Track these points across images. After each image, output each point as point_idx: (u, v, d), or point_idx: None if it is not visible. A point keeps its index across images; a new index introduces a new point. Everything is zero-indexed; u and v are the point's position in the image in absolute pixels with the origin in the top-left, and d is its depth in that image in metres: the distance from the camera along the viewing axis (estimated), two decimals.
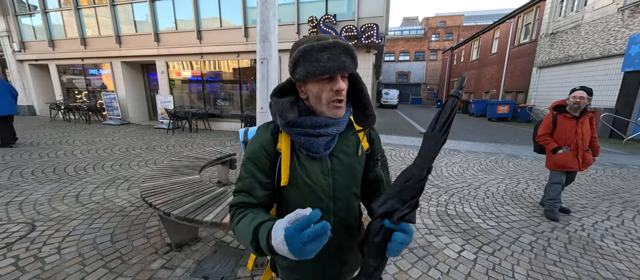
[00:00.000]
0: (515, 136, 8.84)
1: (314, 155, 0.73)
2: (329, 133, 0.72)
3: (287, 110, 0.71)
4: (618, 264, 2.16)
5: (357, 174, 0.81)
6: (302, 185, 0.74)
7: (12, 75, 11.32)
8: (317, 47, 0.64)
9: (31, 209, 2.85)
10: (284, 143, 0.74)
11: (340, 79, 0.67)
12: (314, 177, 0.74)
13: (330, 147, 0.74)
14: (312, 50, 0.64)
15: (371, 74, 7.40)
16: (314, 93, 0.69)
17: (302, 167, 0.74)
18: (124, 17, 9.20)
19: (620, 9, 8.71)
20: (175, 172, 2.70)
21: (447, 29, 31.96)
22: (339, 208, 0.78)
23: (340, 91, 0.67)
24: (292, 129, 0.72)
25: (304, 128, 0.71)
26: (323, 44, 0.64)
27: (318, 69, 0.64)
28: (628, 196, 3.67)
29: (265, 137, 0.75)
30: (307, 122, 0.71)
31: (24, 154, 5.04)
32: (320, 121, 0.71)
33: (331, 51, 0.64)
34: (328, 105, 0.69)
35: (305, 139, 0.71)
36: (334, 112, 0.70)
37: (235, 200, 0.74)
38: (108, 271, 1.92)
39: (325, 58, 0.64)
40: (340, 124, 0.74)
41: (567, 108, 2.78)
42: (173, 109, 8.21)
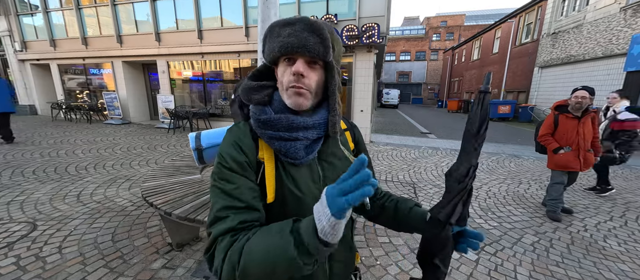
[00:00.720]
0: (517, 136, 8.81)
1: (293, 162, 0.63)
2: (307, 137, 0.63)
3: (252, 91, 0.63)
4: (621, 265, 2.15)
5: None
6: (290, 198, 0.62)
7: (14, 74, 11.35)
8: (281, 22, 0.58)
9: (32, 209, 2.85)
10: (267, 151, 0.62)
11: (307, 64, 0.58)
12: (304, 186, 0.63)
13: (312, 150, 0.65)
14: (275, 26, 0.59)
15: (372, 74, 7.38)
16: (279, 78, 0.62)
17: (289, 176, 0.62)
18: (125, 17, 9.21)
19: (623, 8, 8.67)
20: (176, 172, 2.69)
21: (448, 28, 31.89)
22: None
23: (299, 75, 0.57)
24: (264, 131, 0.61)
25: (278, 130, 0.61)
26: (289, 19, 0.58)
27: (276, 45, 0.57)
28: (631, 196, 3.65)
29: (246, 141, 0.61)
30: (281, 124, 0.60)
31: (26, 153, 5.05)
32: (298, 123, 0.61)
33: (294, 26, 0.56)
34: (287, 92, 0.60)
35: (280, 143, 0.61)
36: (293, 99, 0.60)
37: (230, 222, 0.53)
38: (109, 271, 1.92)
39: (286, 33, 0.56)
40: (319, 127, 0.64)
41: (568, 108, 2.76)
42: (174, 108, 8.22)
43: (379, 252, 2.24)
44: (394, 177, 4.26)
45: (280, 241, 0.47)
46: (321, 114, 0.65)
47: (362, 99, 7.32)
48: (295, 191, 0.62)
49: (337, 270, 0.71)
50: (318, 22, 0.57)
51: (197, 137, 1.42)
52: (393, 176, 4.29)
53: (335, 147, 0.71)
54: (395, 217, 0.75)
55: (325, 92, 0.65)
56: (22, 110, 11.62)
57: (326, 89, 0.64)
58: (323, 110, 0.65)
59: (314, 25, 0.56)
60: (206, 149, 1.43)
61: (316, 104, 0.66)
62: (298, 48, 0.56)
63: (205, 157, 1.42)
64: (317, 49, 0.56)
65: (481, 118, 0.56)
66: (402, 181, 4.07)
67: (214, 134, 1.42)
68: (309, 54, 0.57)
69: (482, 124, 0.56)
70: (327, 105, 0.66)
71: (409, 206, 0.73)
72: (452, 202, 0.55)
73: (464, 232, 0.59)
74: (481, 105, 0.56)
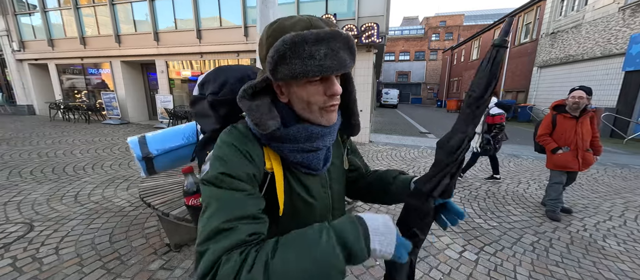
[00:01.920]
0: (516, 136, 8.82)
1: (315, 173, 0.62)
2: (326, 144, 0.60)
3: (267, 117, 0.53)
4: (621, 264, 2.15)
5: (344, 175, 0.75)
6: (302, 207, 0.61)
7: (12, 74, 11.31)
8: (310, 38, 0.47)
9: (29, 209, 2.83)
10: (275, 161, 0.58)
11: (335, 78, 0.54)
12: (316, 193, 0.63)
13: (328, 159, 0.64)
14: (304, 42, 0.47)
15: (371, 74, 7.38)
16: (303, 98, 0.54)
17: (301, 185, 0.60)
18: (123, 17, 9.18)
19: (621, 8, 8.69)
20: (175, 172, 2.68)
21: (447, 28, 31.93)
22: (336, 217, 0.71)
23: (337, 94, 0.54)
24: (282, 145, 0.56)
25: (298, 143, 0.56)
26: (318, 34, 0.47)
27: (313, 69, 0.48)
28: (630, 196, 3.66)
29: (253, 149, 0.54)
30: (301, 135, 0.56)
31: (23, 154, 5.03)
32: (315, 132, 0.57)
33: (329, 45, 0.48)
34: (321, 112, 0.55)
35: (302, 156, 0.57)
36: (327, 117, 0.57)
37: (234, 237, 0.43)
38: (106, 272, 1.90)
39: (322, 54, 0.48)
40: (334, 132, 0.62)
41: (566, 108, 2.76)
42: (173, 108, 8.19)
43: None
44: None
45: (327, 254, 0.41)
46: (337, 120, 0.62)
47: (361, 99, 7.30)
48: (309, 199, 0.61)
49: None
50: (350, 37, 0.52)
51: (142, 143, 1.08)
52: None
53: (336, 149, 0.71)
54: (381, 189, 0.75)
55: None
56: (20, 110, 11.58)
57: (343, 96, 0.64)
58: (338, 117, 0.63)
59: (348, 41, 0.51)
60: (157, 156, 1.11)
61: None
62: (338, 70, 0.50)
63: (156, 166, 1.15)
64: (351, 65, 0.53)
65: (489, 77, 0.49)
66: None
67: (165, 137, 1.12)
68: (346, 72, 0.54)
69: (490, 84, 0.49)
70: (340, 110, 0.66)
71: (392, 175, 0.73)
72: (439, 174, 0.53)
73: (446, 205, 0.58)
74: (492, 62, 0.49)
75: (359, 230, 0.44)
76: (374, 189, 0.77)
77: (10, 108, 12.09)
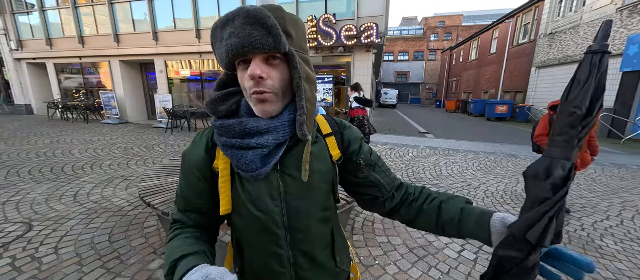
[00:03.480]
0: (514, 136, 8.85)
1: (244, 175, 0.55)
2: (261, 144, 0.53)
3: (217, 103, 0.56)
4: (618, 263, 2.16)
5: (323, 194, 0.61)
6: (245, 214, 0.58)
7: (10, 74, 11.26)
8: (220, 22, 0.48)
9: (28, 209, 2.82)
10: (224, 159, 0.57)
11: (263, 62, 0.49)
12: (260, 203, 0.56)
13: (269, 162, 0.55)
14: (216, 28, 0.49)
15: (371, 74, 7.39)
16: (242, 85, 0.53)
17: (245, 191, 0.56)
18: (122, 16, 9.17)
19: (619, 9, 8.73)
20: (174, 172, 2.68)
21: (446, 29, 32.00)
22: (299, 240, 0.59)
23: (255, 78, 0.49)
24: (219, 137, 0.56)
25: (231, 137, 0.54)
26: (227, 15, 0.47)
27: (222, 50, 0.49)
28: (627, 196, 3.68)
29: (198, 154, 0.59)
30: (234, 129, 0.53)
31: (22, 153, 5.01)
32: (251, 128, 0.52)
33: (234, 23, 0.47)
34: (251, 100, 0.53)
35: (232, 152, 0.54)
36: (258, 107, 0.52)
37: (172, 215, 0.63)
38: (106, 271, 1.90)
39: (227, 34, 0.47)
40: (278, 131, 0.54)
41: None
42: (172, 108, 8.18)
43: (377, 252, 2.24)
44: None
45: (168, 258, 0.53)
46: (284, 115, 0.55)
47: None
48: (250, 207, 0.56)
49: None
50: (258, 10, 0.46)
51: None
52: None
53: (300, 156, 0.58)
54: (439, 222, 0.59)
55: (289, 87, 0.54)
56: (18, 110, 11.53)
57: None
58: (287, 111, 0.55)
59: (254, 16, 0.45)
60: None
61: (286, 104, 0.56)
62: (244, 48, 0.47)
63: None
64: (265, 42, 0.46)
65: (595, 90, 0.40)
66: None
67: None
68: (259, 51, 0.47)
69: (598, 99, 0.40)
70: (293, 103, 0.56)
71: (459, 207, 0.57)
72: (546, 216, 0.40)
73: (558, 255, 0.43)
74: (597, 71, 0.40)
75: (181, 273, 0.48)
76: (429, 221, 0.61)
77: (8, 108, 12.04)
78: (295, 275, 0.61)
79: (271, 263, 0.59)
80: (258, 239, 0.59)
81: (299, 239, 0.59)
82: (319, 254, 0.63)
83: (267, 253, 0.59)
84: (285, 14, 0.50)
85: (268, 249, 0.59)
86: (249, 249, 0.62)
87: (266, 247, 0.59)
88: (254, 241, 0.60)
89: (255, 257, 0.61)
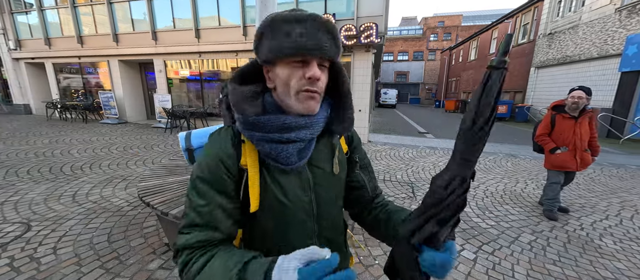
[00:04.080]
0: (513, 136, 8.87)
1: (283, 167, 0.57)
2: (301, 138, 0.57)
3: (246, 101, 0.56)
4: (617, 263, 2.17)
5: (342, 185, 0.69)
6: (276, 207, 0.58)
7: (8, 73, 11.22)
8: (288, 17, 0.51)
9: (27, 209, 2.81)
10: (250, 156, 0.57)
11: (317, 66, 0.53)
12: (292, 194, 0.59)
13: (305, 155, 0.59)
14: (281, 21, 0.51)
15: (370, 74, 7.39)
16: (283, 79, 0.54)
17: (276, 183, 0.58)
18: (121, 15, 9.14)
19: (618, 9, 8.76)
20: (173, 172, 2.67)
21: (445, 29, 32.03)
22: (325, 228, 0.64)
23: (314, 79, 0.53)
24: (253, 132, 0.56)
25: (268, 132, 0.55)
26: (297, 15, 0.51)
27: (288, 46, 0.50)
28: (626, 195, 3.69)
29: (225, 150, 0.56)
30: (272, 124, 0.55)
31: (20, 153, 4.99)
32: (289, 123, 0.55)
33: (306, 25, 0.50)
34: (297, 96, 0.54)
35: (270, 146, 0.55)
36: (306, 104, 0.55)
37: (188, 240, 0.52)
38: (105, 271, 1.90)
39: (298, 32, 0.50)
40: (314, 126, 0.58)
41: (565, 108, 2.77)
42: (171, 108, 8.17)
43: (377, 252, 2.24)
44: (392, 176, 4.27)
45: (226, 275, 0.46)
46: (320, 113, 0.59)
47: (360, 99, 7.31)
48: (283, 199, 0.58)
49: None
50: (327, 20, 0.53)
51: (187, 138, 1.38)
52: (391, 176, 4.30)
53: (327, 150, 0.64)
54: (387, 231, 0.65)
55: (325, 92, 0.60)
56: (17, 110, 11.49)
57: (333, 88, 0.61)
58: (322, 110, 0.60)
59: (328, 24, 0.52)
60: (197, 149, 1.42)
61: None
62: (314, 50, 0.51)
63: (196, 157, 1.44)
64: (332, 50, 0.53)
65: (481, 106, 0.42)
66: (400, 180, 4.08)
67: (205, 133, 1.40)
68: (325, 55, 0.52)
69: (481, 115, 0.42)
70: (330, 105, 0.63)
71: (402, 218, 0.63)
72: (422, 217, 0.46)
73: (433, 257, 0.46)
74: (483, 88, 0.42)
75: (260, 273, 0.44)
76: (380, 230, 0.68)
77: (6, 107, 11.99)
78: None
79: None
80: (286, 229, 0.60)
81: (324, 226, 0.64)
82: (337, 239, 0.69)
83: (296, 243, 0.60)
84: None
85: (296, 240, 0.61)
86: (271, 244, 0.61)
87: (295, 237, 0.61)
88: (282, 233, 0.61)
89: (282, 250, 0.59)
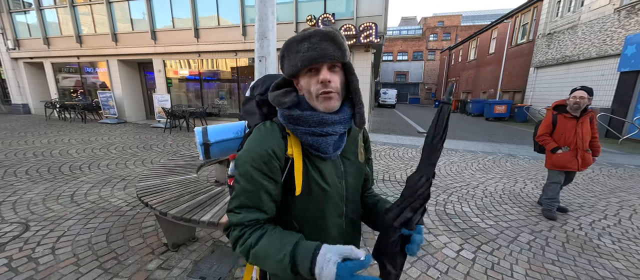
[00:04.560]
0: (513, 136, 8.88)
1: (324, 156, 0.69)
2: (336, 131, 0.68)
3: (283, 97, 0.68)
4: (615, 262, 2.17)
5: (363, 173, 0.81)
6: (317, 191, 0.69)
7: (6, 73, 11.19)
8: (297, 38, 0.63)
9: (25, 209, 2.80)
10: (296, 148, 0.68)
11: (328, 69, 0.63)
12: (330, 180, 0.70)
13: (339, 146, 0.71)
14: (292, 42, 0.63)
15: (369, 73, 7.39)
16: (305, 87, 0.66)
17: (317, 170, 0.69)
18: (120, 15, 9.12)
19: (617, 9, 8.77)
20: (172, 172, 2.67)
21: (445, 28, 32.04)
22: (351, 210, 0.77)
23: (326, 82, 0.63)
24: (296, 126, 0.66)
25: (310, 126, 0.66)
26: (303, 34, 0.62)
27: (299, 61, 0.62)
28: (624, 195, 3.70)
29: (275, 141, 0.66)
30: (312, 119, 0.66)
31: (18, 153, 4.97)
32: (326, 118, 0.66)
33: (310, 40, 0.61)
34: (317, 99, 0.65)
35: (312, 139, 0.66)
36: (325, 104, 0.65)
37: (242, 218, 0.64)
38: (103, 272, 1.89)
39: (305, 48, 0.61)
40: (345, 121, 0.69)
41: (567, 108, 2.77)
42: (170, 107, 8.15)
43: None
44: (392, 176, 4.27)
45: (280, 249, 0.59)
46: (345, 110, 0.69)
47: None
48: (323, 184, 0.69)
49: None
50: (331, 31, 0.62)
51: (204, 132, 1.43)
52: (390, 175, 4.30)
53: (353, 144, 0.77)
54: (372, 216, 0.83)
55: (346, 91, 0.70)
56: (15, 110, 11.46)
57: (347, 87, 0.69)
58: (345, 107, 0.69)
59: (329, 34, 0.61)
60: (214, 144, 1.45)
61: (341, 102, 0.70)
62: (320, 58, 0.61)
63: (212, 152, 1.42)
64: (336, 54, 0.62)
65: (436, 128, 0.59)
66: (400, 180, 4.08)
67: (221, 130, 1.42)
68: (331, 60, 0.62)
69: (437, 135, 0.59)
70: (349, 102, 0.71)
71: (385, 206, 0.76)
72: (400, 206, 0.61)
73: (410, 237, 0.62)
74: (438, 115, 0.59)
75: (309, 256, 0.57)
76: (368, 215, 0.84)
77: (5, 107, 11.96)
78: (343, 240, 0.75)
79: (330, 231, 0.73)
80: (322, 213, 0.71)
81: (351, 208, 0.77)
82: (357, 220, 0.82)
83: (331, 223, 0.73)
84: (342, 35, 0.66)
85: (330, 219, 0.73)
86: (307, 226, 0.72)
87: (329, 217, 0.73)
88: (317, 216, 0.71)
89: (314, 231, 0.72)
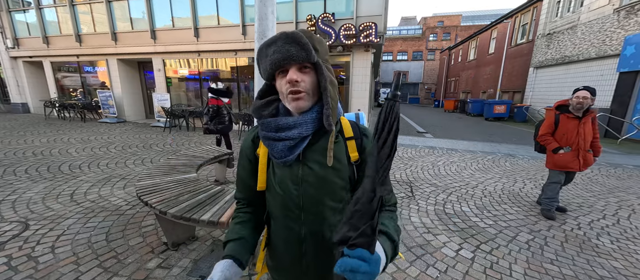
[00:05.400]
0: (512, 136, 8.89)
1: (277, 161, 0.70)
2: (289, 137, 0.67)
3: (261, 109, 0.73)
4: (614, 262, 2.18)
5: (333, 187, 0.70)
6: (273, 191, 0.74)
7: (6, 72, 11.17)
8: (266, 43, 0.66)
9: (25, 208, 2.80)
10: (263, 148, 0.74)
11: (298, 70, 0.65)
12: (283, 185, 0.71)
13: (294, 152, 0.68)
14: (262, 48, 0.67)
15: (369, 73, 7.39)
16: (279, 89, 0.69)
17: (275, 174, 0.73)
18: (120, 14, 9.10)
19: (616, 10, 8.78)
20: (172, 171, 2.67)
21: (444, 28, 32.03)
22: (310, 220, 0.72)
23: (292, 82, 0.64)
24: (261, 131, 0.71)
25: (268, 131, 0.69)
26: (270, 39, 0.65)
27: (268, 64, 0.65)
28: (623, 195, 3.71)
29: (247, 142, 0.79)
30: (270, 124, 0.69)
31: (18, 152, 4.97)
32: (281, 124, 0.67)
33: (276, 44, 0.63)
34: (287, 99, 0.67)
35: (267, 142, 0.70)
36: (293, 104, 0.67)
37: (236, 194, 0.84)
38: (103, 270, 1.89)
39: (271, 51, 0.64)
40: (302, 126, 0.67)
41: (570, 108, 2.77)
42: (170, 107, 8.15)
43: None
44: (391, 176, 4.28)
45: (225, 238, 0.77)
46: (308, 114, 0.68)
47: (359, 98, 7.33)
48: (276, 188, 0.72)
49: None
50: (295, 32, 0.63)
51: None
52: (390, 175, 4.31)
53: (318, 151, 0.70)
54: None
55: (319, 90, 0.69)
56: (15, 109, 11.44)
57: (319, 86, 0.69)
58: (314, 109, 0.69)
59: (293, 36, 0.62)
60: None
61: (314, 103, 0.70)
62: (284, 60, 0.63)
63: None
64: (300, 55, 0.63)
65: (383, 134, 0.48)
66: (399, 180, 4.08)
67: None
68: (295, 61, 0.63)
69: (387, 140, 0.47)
70: (318, 105, 0.70)
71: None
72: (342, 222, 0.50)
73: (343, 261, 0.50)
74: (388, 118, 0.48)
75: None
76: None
77: (4, 106, 11.94)
78: (302, 247, 0.74)
79: (288, 234, 0.75)
80: (280, 213, 0.74)
81: (310, 219, 0.73)
82: (327, 234, 0.73)
83: (286, 226, 0.75)
84: (313, 34, 0.67)
85: (287, 223, 0.74)
86: (274, 221, 0.78)
87: (285, 222, 0.74)
88: (278, 215, 0.75)
89: (278, 228, 0.77)
